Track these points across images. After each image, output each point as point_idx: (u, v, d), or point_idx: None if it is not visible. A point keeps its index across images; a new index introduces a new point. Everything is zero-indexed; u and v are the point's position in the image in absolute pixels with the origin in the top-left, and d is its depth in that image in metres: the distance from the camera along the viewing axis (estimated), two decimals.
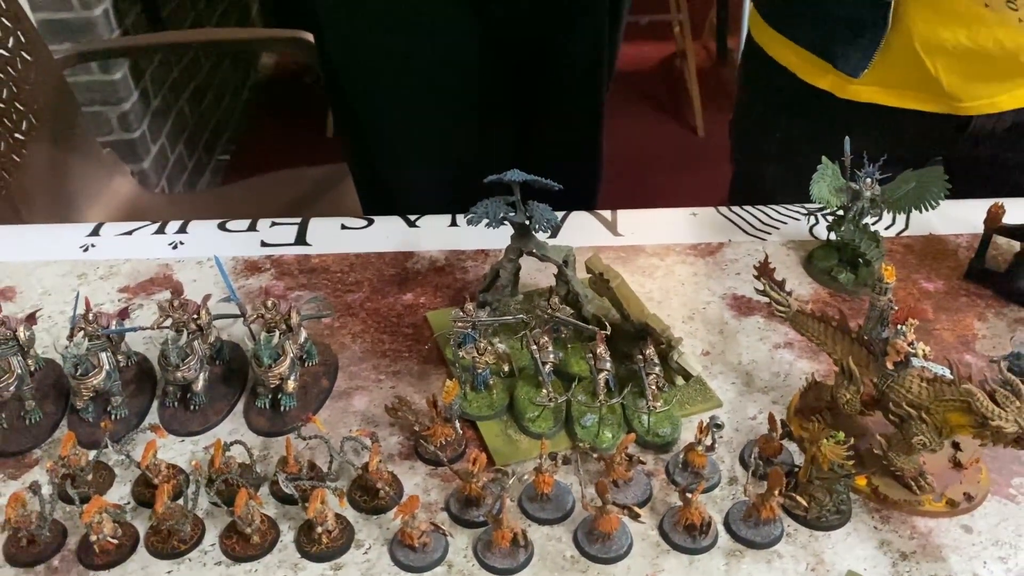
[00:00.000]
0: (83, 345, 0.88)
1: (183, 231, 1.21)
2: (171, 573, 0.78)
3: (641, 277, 1.12)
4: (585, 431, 0.89)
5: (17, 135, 1.79)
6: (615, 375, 0.92)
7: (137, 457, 0.83)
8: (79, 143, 1.96)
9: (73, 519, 0.82)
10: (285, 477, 0.82)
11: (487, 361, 0.92)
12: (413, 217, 1.23)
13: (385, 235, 1.20)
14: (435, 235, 1.19)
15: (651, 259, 1.15)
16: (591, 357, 0.90)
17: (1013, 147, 1.27)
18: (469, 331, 0.93)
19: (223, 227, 1.22)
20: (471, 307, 0.94)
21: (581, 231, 1.20)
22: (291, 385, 0.91)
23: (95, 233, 1.20)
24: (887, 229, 1.20)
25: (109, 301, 1.08)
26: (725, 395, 0.96)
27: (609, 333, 0.93)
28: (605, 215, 1.23)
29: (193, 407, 0.92)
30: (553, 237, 1.19)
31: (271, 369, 0.89)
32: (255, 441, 0.90)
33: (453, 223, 1.21)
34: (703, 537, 0.80)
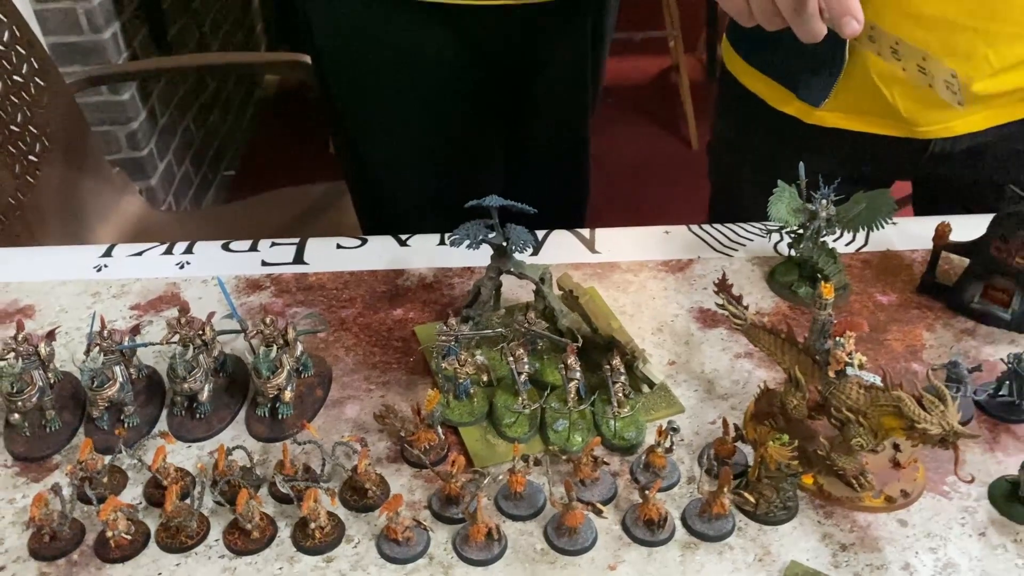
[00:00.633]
0: (99, 360, 0.96)
1: (189, 251, 1.29)
2: (179, 566, 0.87)
3: (615, 292, 1.20)
4: (557, 435, 0.98)
5: (31, 157, 1.87)
6: (586, 383, 1.00)
7: (148, 461, 0.92)
8: (90, 164, 2.04)
9: (91, 518, 0.90)
10: (282, 478, 0.90)
11: (468, 372, 1.00)
12: (404, 237, 1.31)
13: (378, 254, 1.28)
14: (424, 254, 1.28)
15: (625, 275, 1.23)
16: (563, 367, 0.98)
17: (972, 167, 1.34)
18: (452, 344, 1.02)
19: (227, 247, 1.30)
20: (454, 322, 1.03)
21: (561, 248, 1.29)
22: (288, 395, 0.99)
23: (108, 254, 1.28)
24: (847, 245, 1.28)
25: (121, 318, 1.16)
26: (688, 401, 1.04)
27: (580, 345, 1.01)
28: (584, 233, 1.32)
29: (199, 415, 1.00)
30: (535, 254, 1.27)
31: (269, 380, 0.97)
32: (255, 446, 0.99)
33: (441, 242, 1.30)
34: (660, 531, 0.88)
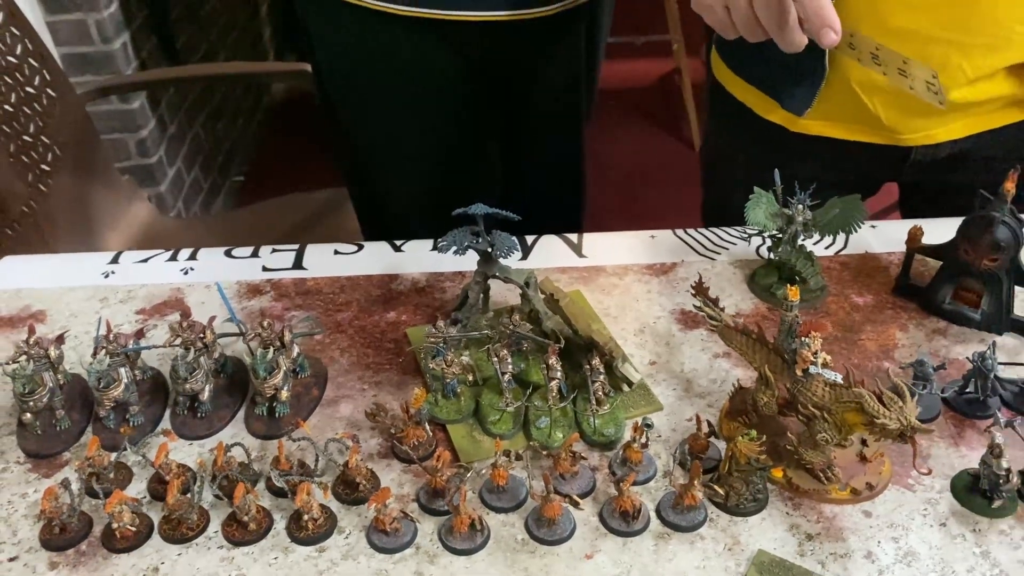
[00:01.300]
0: (105, 362, 1.02)
1: (193, 258, 1.34)
2: (180, 555, 0.92)
3: (600, 295, 1.25)
4: (539, 432, 1.02)
5: (43, 166, 1.93)
6: (567, 383, 1.05)
7: (152, 457, 0.97)
8: (100, 172, 2.10)
9: (98, 511, 0.95)
10: (277, 473, 0.95)
11: (454, 372, 1.05)
12: (399, 243, 1.36)
13: (373, 259, 1.33)
14: (418, 259, 1.33)
15: (611, 278, 1.28)
16: (545, 367, 1.03)
17: (954, 173, 1.37)
18: (440, 345, 1.07)
19: (229, 254, 1.35)
20: (442, 324, 1.08)
21: (549, 253, 1.34)
22: (284, 394, 1.04)
23: (115, 261, 1.34)
24: (827, 248, 1.32)
25: (128, 322, 1.22)
26: (666, 400, 1.08)
27: (563, 346, 1.06)
28: (572, 238, 1.36)
29: (200, 415, 1.05)
30: (524, 259, 1.32)
31: (266, 381, 1.02)
32: (254, 443, 1.04)
33: (435, 248, 1.35)
34: (635, 522, 0.92)
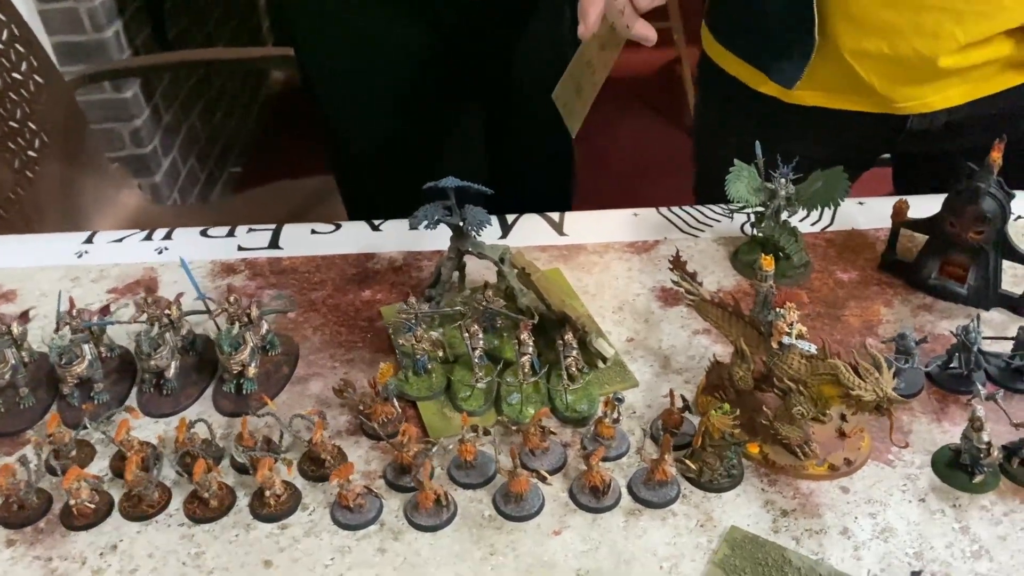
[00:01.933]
0: (67, 337, 1.00)
1: (168, 237, 1.33)
2: (140, 533, 0.90)
3: (580, 272, 1.22)
4: (511, 408, 1.00)
5: (30, 152, 1.92)
6: (541, 359, 1.03)
7: (113, 435, 0.95)
8: (88, 159, 2.09)
9: (58, 489, 0.93)
10: (241, 449, 0.93)
11: (424, 348, 1.03)
12: (377, 222, 1.34)
13: (351, 239, 1.31)
14: (396, 238, 1.31)
15: (591, 256, 1.25)
16: (516, 343, 1.01)
17: (951, 141, 1.34)
18: (411, 322, 1.04)
19: (204, 233, 1.33)
20: (414, 300, 1.06)
21: (529, 231, 1.31)
22: (252, 371, 1.02)
23: (89, 241, 1.32)
24: (813, 225, 1.29)
25: (99, 301, 1.19)
26: (643, 376, 1.06)
27: (536, 322, 1.04)
28: (553, 217, 1.34)
29: (166, 392, 1.03)
30: (503, 237, 1.30)
31: (232, 357, 1.00)
32: (221, 421, 1.02)
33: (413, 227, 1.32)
34: (605, 497, 0.90)
